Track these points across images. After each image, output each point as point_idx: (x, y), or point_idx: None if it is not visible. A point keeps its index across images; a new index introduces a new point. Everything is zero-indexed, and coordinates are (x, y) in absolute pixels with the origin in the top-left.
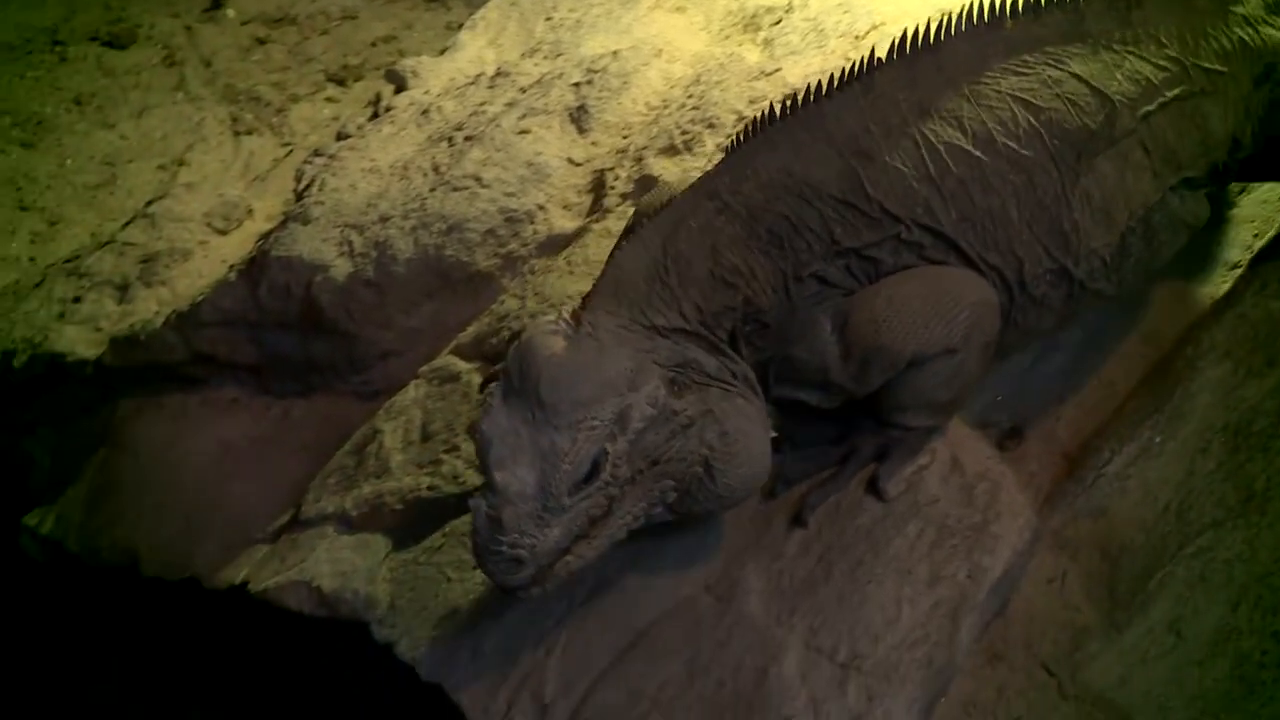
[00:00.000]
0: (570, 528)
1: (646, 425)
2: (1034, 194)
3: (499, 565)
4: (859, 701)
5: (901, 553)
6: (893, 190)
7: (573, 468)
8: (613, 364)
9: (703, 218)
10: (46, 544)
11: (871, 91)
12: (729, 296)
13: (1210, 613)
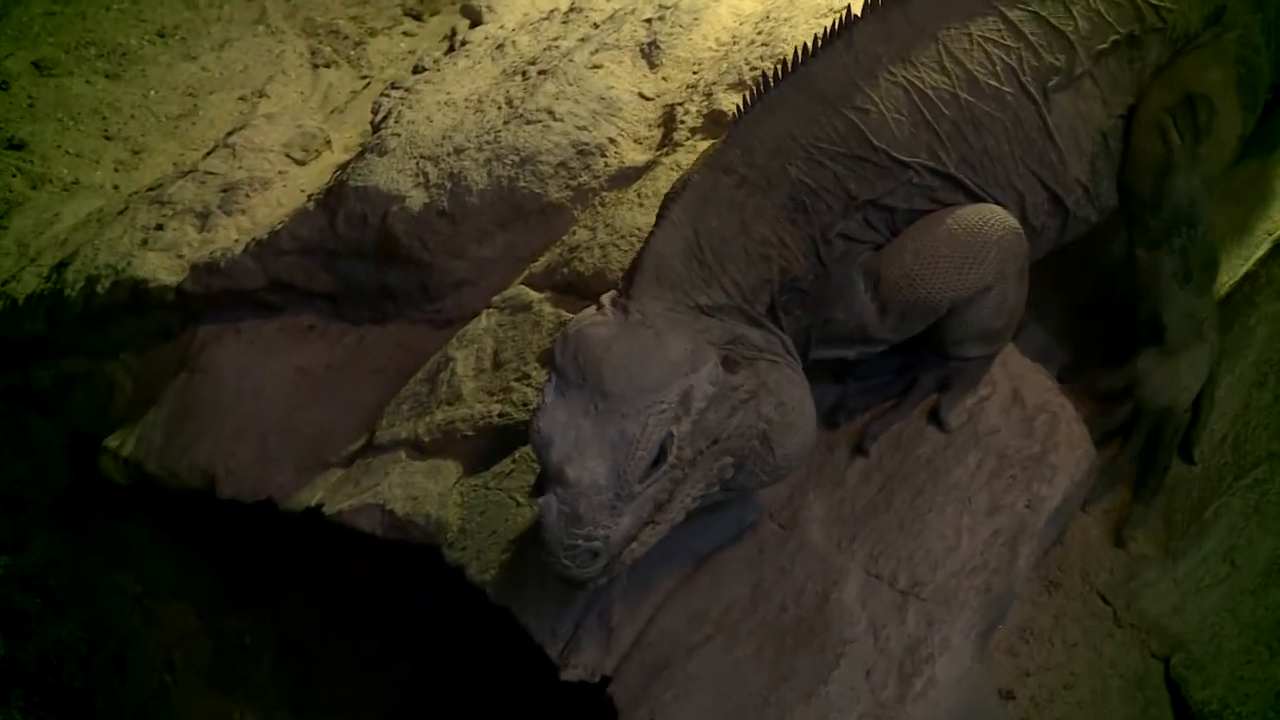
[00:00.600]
0: (640, 514)
1: (708, 404)
2: (1021, 130)
3: (576, 558)
4: (918, 627)
5: (961, 482)
6: (895, 138)
7: (646, 453)
8: (673, 347)
9: (725, 193)
10: (127, 466)
11: (853, 48)
12: (765, 269)
13: (1264, 543)
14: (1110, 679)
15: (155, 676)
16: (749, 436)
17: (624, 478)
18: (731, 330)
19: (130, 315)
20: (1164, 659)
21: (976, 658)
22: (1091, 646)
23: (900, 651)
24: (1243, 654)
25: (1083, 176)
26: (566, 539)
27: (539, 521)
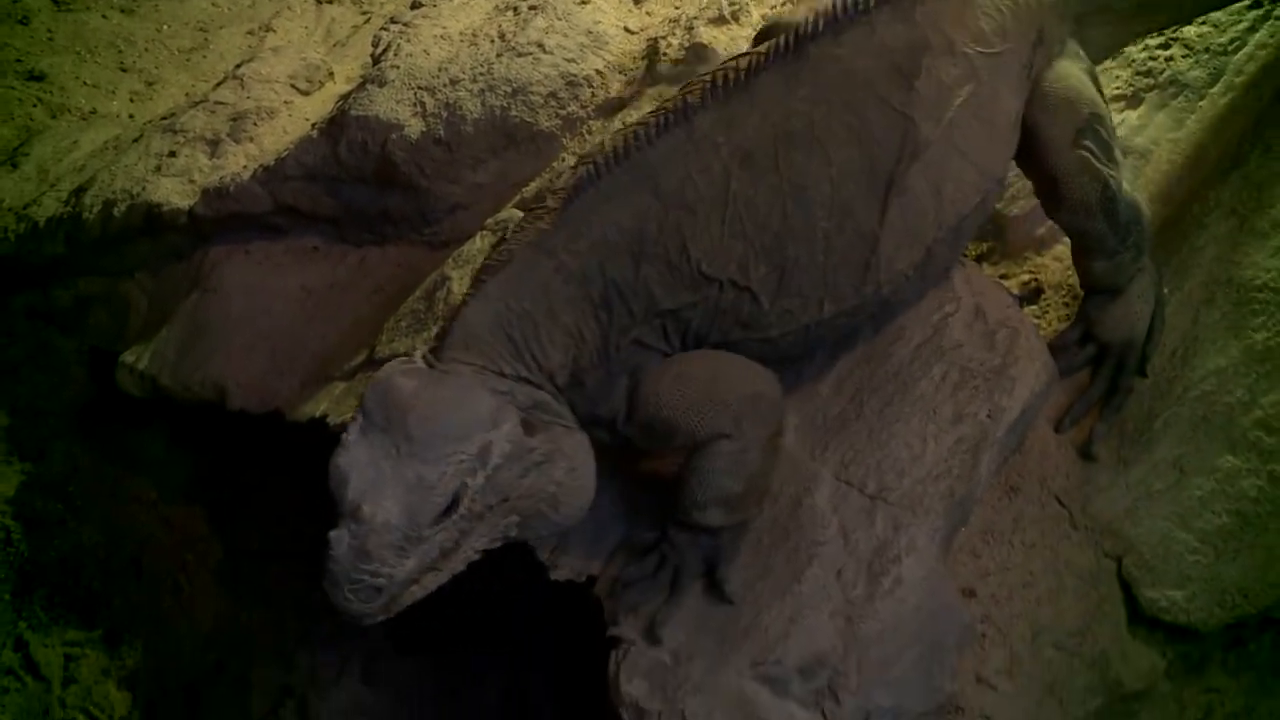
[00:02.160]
0: (425, 559)
1: (504, 462)
2: (843, 236)
3: (359, 593)
4: (886, 530)
5: (927, 393)
6: (710, 250)
7: (440, 499)
8: (477, 402)
9: (542, 276)
10: (142, 379)
11: (693, 136)
12: (563, 356)
13: (1211, 451)
14: (1066, 578)
15: (169, 579)
16: (538, 498)
17: (416, 521)
18: (532, 395)
19: (145, 238)
20: (1116, 559)
21: (940, 558)
22: (1048, 547)
23: (869, 552)
24: (1190, 555)
25: (908, 269)
26: (353, 573)
27: (326, 554)
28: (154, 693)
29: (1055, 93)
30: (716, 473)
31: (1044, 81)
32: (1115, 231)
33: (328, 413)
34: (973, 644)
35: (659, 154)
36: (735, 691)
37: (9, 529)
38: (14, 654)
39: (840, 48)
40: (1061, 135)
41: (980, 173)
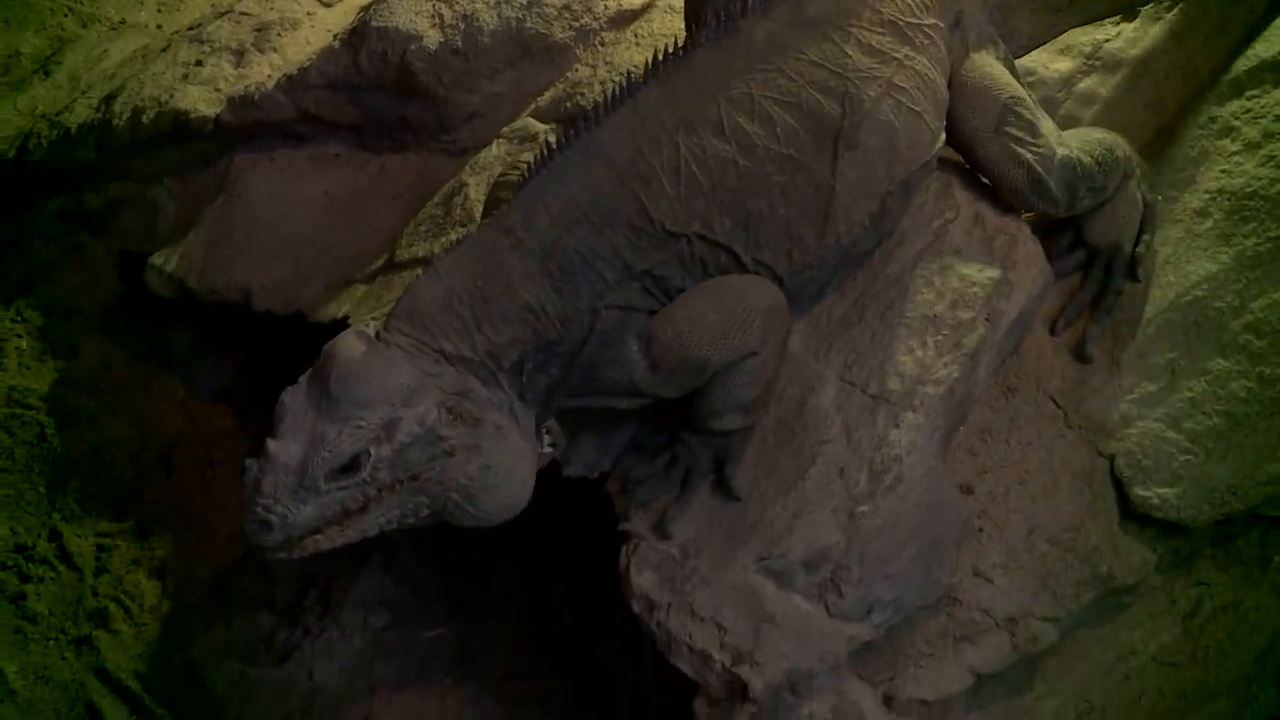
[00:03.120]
0: (324, 511)
1: (411, 441)
2: (797, 188)
3: (254, 523)
4: (887, 429)
5: (928, 298)
6: (671, 209)
7: (331, 457)
8: (395, 377)
9: (499, 255)
10: (171, 281)
11: (638, 113)
12: (519, 330)
13: (1202, 356)
14: (1060, 475)
15: (197, 474)
16: (448, 487)
17: (309, 471)
18: (464, 383)
19: (172, 144)
20: (1109, 458)
21: (939, 456)
22: (1044, 446)
23: (870, 450)
24: (1181, 454)
25: (867, 216)
26: (250, 503)
27: None
28: (182, 582)
29: (973, 83)
30: (741, 386)
31: (961, 73)
32: (1055, 202)
33: (349, 314)
34: (970, 539)
35: (607, 132)
36: (741, 584)
37: (43, 424)
38: (48, 544)
39: (771, 21)
40: (983, 125)
41: (929, 129)
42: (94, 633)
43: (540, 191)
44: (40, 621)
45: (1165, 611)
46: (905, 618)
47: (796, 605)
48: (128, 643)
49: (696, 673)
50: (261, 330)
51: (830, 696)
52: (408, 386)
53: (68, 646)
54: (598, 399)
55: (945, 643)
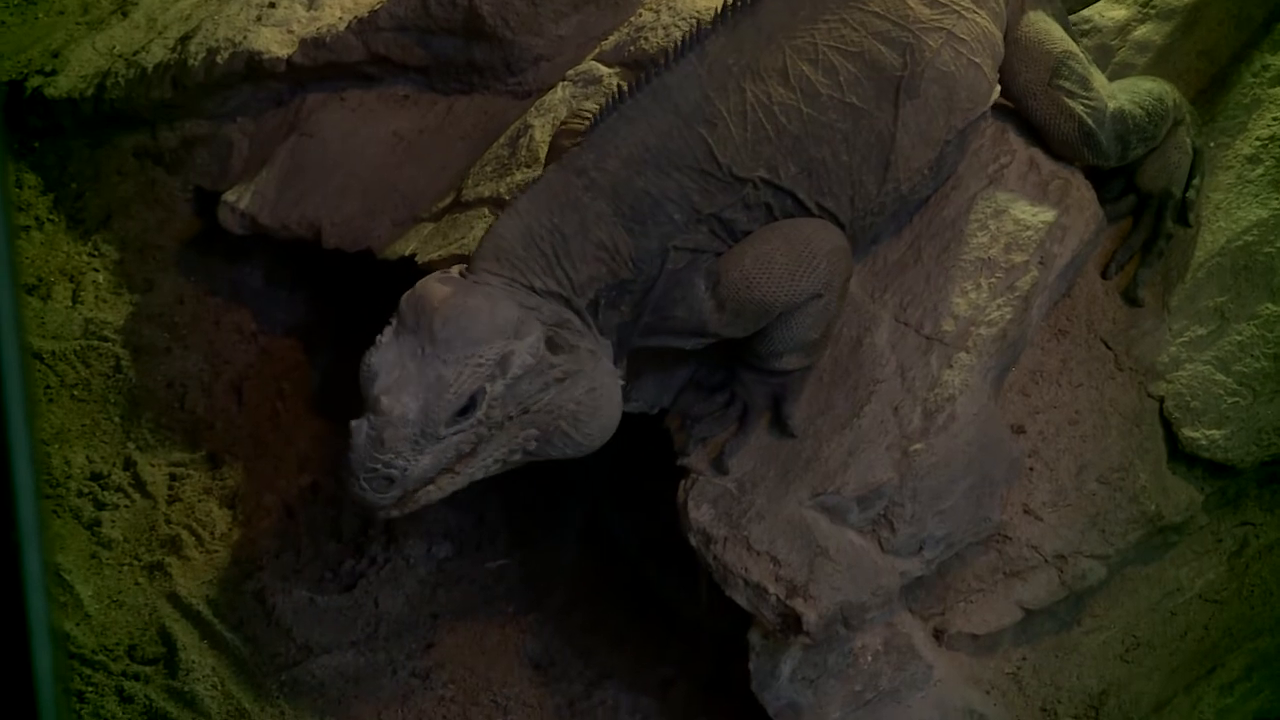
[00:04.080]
0: (440, 458)
1: (524, 373)
2: (860, 136)
3: (372, 481)
4: (941, 369)
5: (982, 241)
6: (738, 153)
7: (455, 399)
8: (502, 311)
9: (573, 194)
10: (243, 217)
11: (705, 60)
12: (595, 269)
13: (1251, 298)
14: (1110, 416)
15: (268, 404)
16: (557, 415)
17: (431, 418)
18: (559, 314)
19: (246, 83)
20: (1159, 399)
21: (992, 396)
22: (1094, 387)
23: (924, 390)
24: (1229, 396)
25: (924, 166)
26: (368, 461)
27: (347, 443)
28: (252, 511)
29: (1027, 38)
30: (805, 325)
31: (1016, 29)
32: (1106, 155)
33: (416, 252)
34: (1021, 477)
35: (675, 78)
36: (796, 519)
37: (119, 357)
38: (123, 473)
39: None
40: (1036, 79)
41: (987, 80)
42: (166, 559)
43: (610, 134)
44: (114, 548)
45: (1211, 550)
46: (956, 554)
47: (850, 540)
48: (199, 569)
49: (752, 605)
50: (331, 266)
51: (882, 630)
52: (516, 319)
53: (141, 572)
54: (665, 338)
55: (995, 579)
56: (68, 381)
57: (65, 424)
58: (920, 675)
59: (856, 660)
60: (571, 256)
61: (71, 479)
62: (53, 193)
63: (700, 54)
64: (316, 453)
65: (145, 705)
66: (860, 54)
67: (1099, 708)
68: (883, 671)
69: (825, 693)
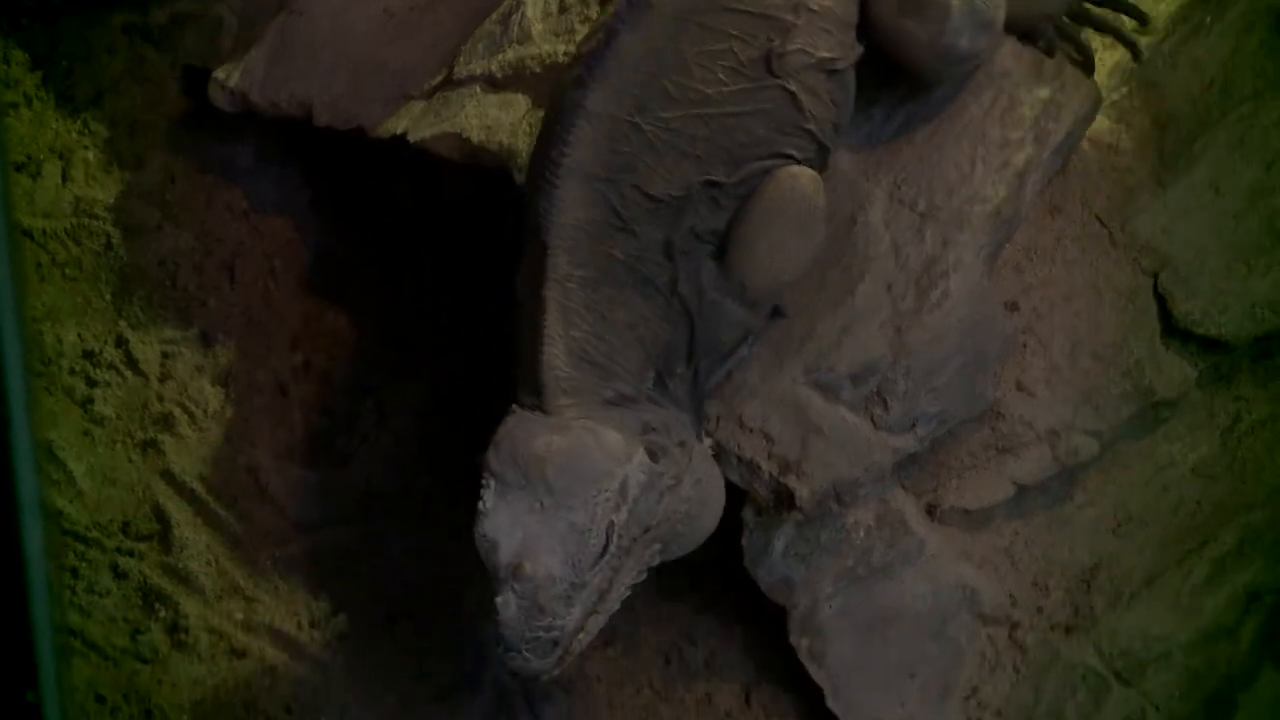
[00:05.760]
0: (588, 603)
1: (641, 493)
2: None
3: (537, 649)
4: (935, 246)
5: (976, 118)
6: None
7: (596, 542)
8: (607, 439)
9: (577, 299)
10: (233, 95)
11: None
12: (639, 349)
13: (1246, 172)
14: (1104, 292)
15: (260, 282)
16: (675, 520)
17: (578, 567)
18: (640, 418)
19: None
20: (1153, 275)
21: (986, 273)
22: (1088, 264)
23: (918, 268)
24: (1223, 271)
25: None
26: (528, 632)
27: (497, 620)
28: (245, 389)
29: None
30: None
31: None
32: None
33: (408, 130)
34: (1014, 354)
35: (579, 153)
36: (789, 396)
37: (109, 235)
38: (115, 350)
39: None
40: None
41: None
42: (159, 437)
43: (561, 228)
44: (107, 425)
45: (1204, 425)
46: (949, 430)
47: (843, 417)
48: (192, 447)
49: (744, 481)
50: (322, 144)
51: (874, 506)
52: (619, 442)
53: (134, 450)
54: (727, 364)
55: (988, 455)
56: (59, 260)
57: (56, 302)
58: (912, 550)
59: (849, 536)
60: (615, 353)
61: (63, 357)
62: (41, 70)
63: (587, 117)
64: (309, 330)
65: (140, 581)
66: (728, 49)
67: (1090, 581)
68: (875, 547)
69: (818, 568)
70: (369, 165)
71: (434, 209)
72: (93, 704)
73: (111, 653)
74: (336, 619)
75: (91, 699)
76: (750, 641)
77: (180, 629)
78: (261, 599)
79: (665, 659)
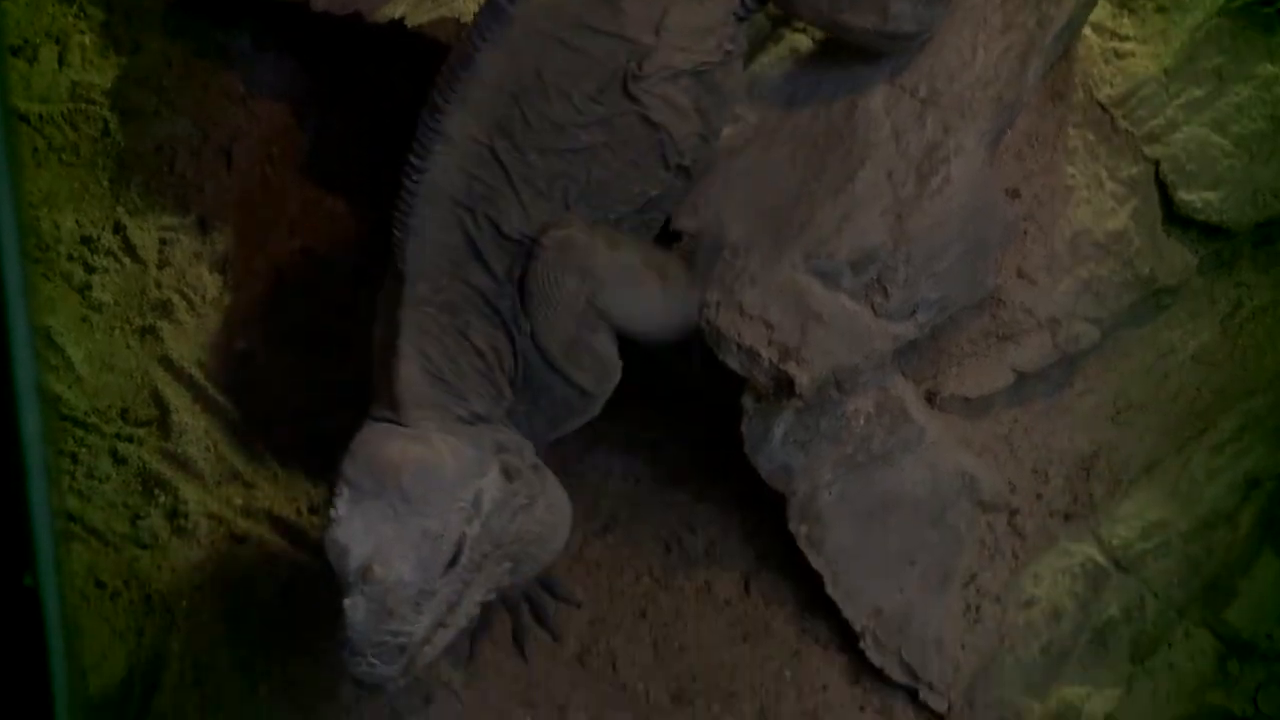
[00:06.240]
0: (436, 614)
1: (494, 509)
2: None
3: (383, 655)
4: (935, 132)
5: (977, 3)
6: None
7: (447, 549)
8: (464, 451)
9: (432, 322)
10: None
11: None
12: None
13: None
14: (1105, 181)
15: (257, 168)
16: (526, 541)
17: (429, 573)
18: (494, 438)
19: None
20: (1154, 162)
21: (986, 160)
22: (1089, 151)
23: (919, 154)
24: (1225, 158)
25: (693, 131)
26: (375, 636)
27: (344, 624)
28: (243, 275)
29: None
30: None
31: None
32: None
33: (405, 14)
34: (1015, 241)
35: (436, 173)
36: (789, 283)
37: (106, 120)
38: (113, 236)
39: None
40: None
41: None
42: (157, 323)
43: (417, 253)
44: (105, 311)
45: (1205, 312)
46: (949, 318)
47: (843, 305)
48: (190, 333)
49: (744, 369)
50: (320, 29)
51: (874, 393)
52: (475, 456)
53: (132, 336)
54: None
55: (988, 342)
56: (55, 145)
57: (54, 187)
58: (912, 438)
59: (848, 423)
60: (469, 376)
61: (61, 243)
62: None
63: (446, 140)
64: (306, 217)
65: (139, 467)
66: (583, 70)
67: (1090, 469)
68: (874, 434)
69: (817, 455)
70: (366, 50)
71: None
72: (93, 589)
73: (111, 538)
74: None
75: (91, 584)
76: (750, 529)
77: (180, 515)
78: (260, 485)
79: (665, 547)
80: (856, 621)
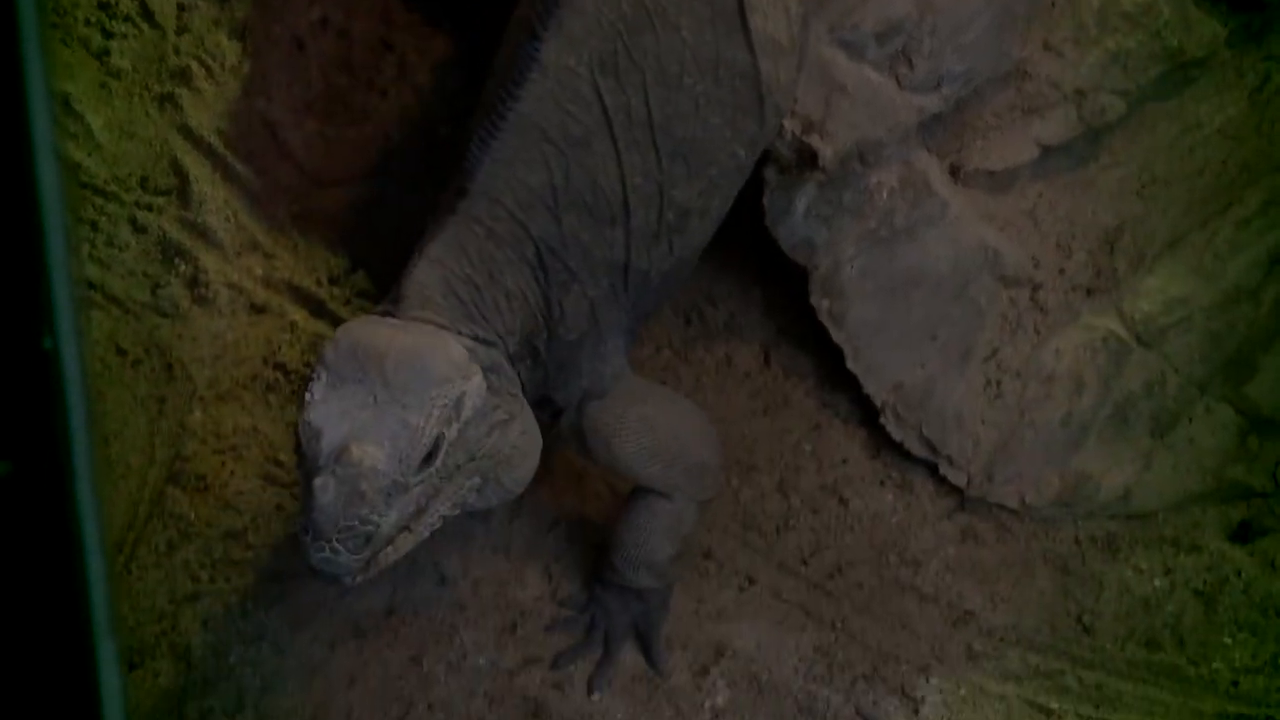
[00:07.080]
0: (404, 513)
1: (474, 416)
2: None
3: (347, 541)
4: None
5: None
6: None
7: (425, 443)
8: (454, 349)
9: (475, 244)
10: None
11: (548, 72)
12: (510, 320)
13: None
14: None
15: None
16: (496, 460)
17: (404, 465)
18: (490, 356)
19: None
20: None
21: None
22: None
23: None
24: None
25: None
26: (343, 519)
27: (310, 505)
28: (262, 43)
29: None
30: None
31: None
32: None
33: None
34: (1042, 12)
35: (529, 103)
36: (813, 55)
37: None
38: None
39: None
40: None
41: None
42: (176, 90)
43: (492, 178)
44: (124, 78)
45: (1233, 85)
46: (974, 90)
47: (867, 77)
48: (209, 101)
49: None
50: None
51: (898, 167)
52: (463, 355)
53: (151, 103)
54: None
55: (1013, 115)
56: None
57: None
58: (935, 212)
59: (872, 197)
60: (487, 306)
61: (79, 7)
62: None
63: (540, 69)
64: None
65: (159, 236)
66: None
67: (1114, 243)
68: (898, 208)
69: (840, 229)
70: None
71: None
72: (114, 356)
73: (132, 306)
74: (355, 275)
75: (113, 351)
76: (770, 303)
77: (200, 284)
78: (280, 255)
79: (685, 319)
80: (877, 396)
